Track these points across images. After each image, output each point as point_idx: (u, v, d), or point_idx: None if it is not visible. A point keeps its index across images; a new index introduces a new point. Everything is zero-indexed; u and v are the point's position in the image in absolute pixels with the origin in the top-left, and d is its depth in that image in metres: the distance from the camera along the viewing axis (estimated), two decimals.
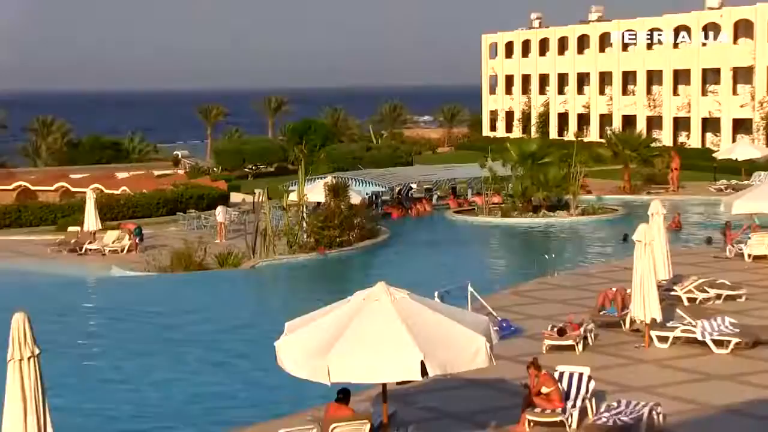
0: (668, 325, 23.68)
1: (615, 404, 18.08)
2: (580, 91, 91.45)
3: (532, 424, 17.70)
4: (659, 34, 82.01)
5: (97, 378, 23.33)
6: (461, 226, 50.01)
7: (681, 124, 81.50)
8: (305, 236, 41.09)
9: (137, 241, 43.63)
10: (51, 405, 11.67)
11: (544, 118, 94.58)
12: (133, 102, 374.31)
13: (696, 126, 79.40)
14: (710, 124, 78.80)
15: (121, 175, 70.70)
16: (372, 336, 14.10)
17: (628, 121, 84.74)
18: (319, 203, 45.06)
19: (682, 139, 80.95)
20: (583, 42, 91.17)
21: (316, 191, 44.62)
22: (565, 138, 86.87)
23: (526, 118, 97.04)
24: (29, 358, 11.36)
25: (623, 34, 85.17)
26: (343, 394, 16.17)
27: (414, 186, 60.47)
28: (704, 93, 79.06)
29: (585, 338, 23.42)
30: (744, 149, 60.85)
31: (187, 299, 32.83)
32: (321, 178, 51.24)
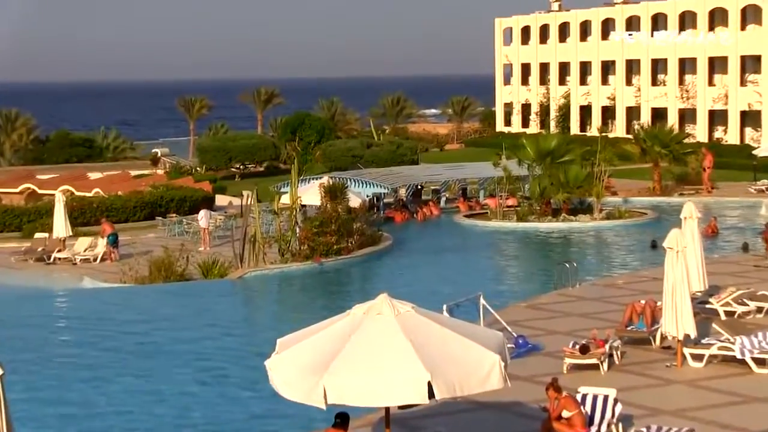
0: (703, 341, 23.68)
1: (644, 430, 18.08)
2: (604, 81, 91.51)
3: None
4: (692, 18, 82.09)
5: (62, 401, 23.33)
6: (472, 231, 50.02)
7: (717, 118, 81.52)
8: (299, 243, 41.12)
9: (112, 248, 43.70)
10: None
11: (564, 111, 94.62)
12: (108, 94, 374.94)
13: (734, 120, 79.42)
14: (750, 118, 78.82)
15: (94, 175, 70.79)
16: (373, 354, 14.12)
17: (658, 114, 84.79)
18: (308, 206, 45.08)
19: (718, 134, 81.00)
20: (607, 26, 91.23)
21: (310, 193, 44.65)
22: (588, 133, 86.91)
23: (544, 111, 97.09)
24: None
25: (653, 17, 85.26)
26: (341, 418, 16.18)
27: (419, 187, 60.49)
28: (743, 83, 79.10)
29: (610, 356, 23.43)
30: None
31: (168, 313, 32.85)
32: (316, 179, 51.29)
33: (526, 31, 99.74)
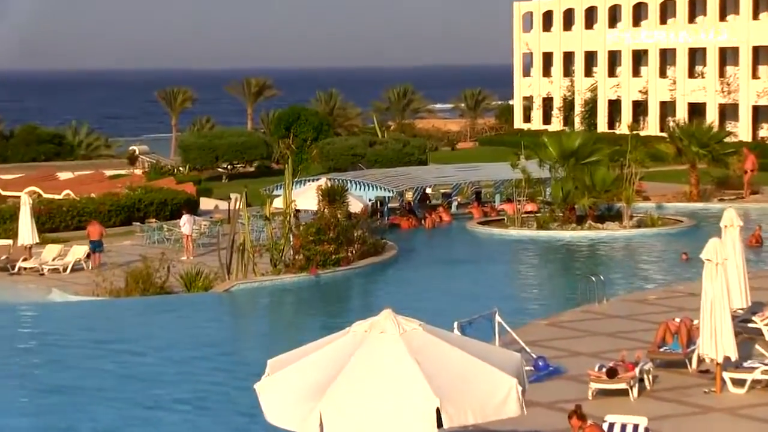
0: (745, 365, 23.66)
1: None
2: (635, 72, 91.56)
3: None
4: (734, 4, 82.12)
5: (19, 429, 23.31)
6: (487, 240, 50.00)
7: (762, 115, 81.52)
8: (293, 253, 41.12)
9: (89, 254, 43.74)
10: None
11: (590, 106, 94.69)
12: (88, 85, 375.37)
13: None
14: None
15: (64, 175, 70.84)
16: (375, 377, 14.12)
17: (696, 110, 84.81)
18: (303, 211, 45.08)
19: (763, 132, 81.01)
20: (639, 12, 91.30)
21: (306, 196, 44.64)
22: (617, 131, 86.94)
23: (568, 106, 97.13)
24: None
25: (690, 2, 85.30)
26: None
27: (428, 190, 60.39)
28: None
29: (641, 381, 23.42)
30: None
31: (146, 330, 32.84)
32: (313, 180, 51.30)
33: (548, 17, 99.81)
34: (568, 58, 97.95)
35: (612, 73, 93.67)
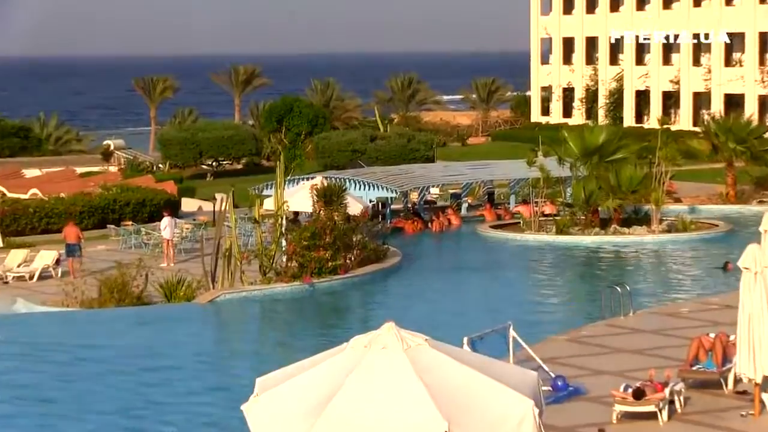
0: None
1: None
2: (666, 60, 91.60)
3: None
4: None
5: None
6: (500, 246, 50.01)
7: None
8: (285, 259, 41.15)
9: (58, 260, 43.76)
10: None
11: (616, 97, 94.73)
12: (57, 73, 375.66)
13: None
14: None
15: (31, 172, 70.81)
16: (376, 398, 14.12)
17: (733, 102, 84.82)
18: (297, 213, 45.11)
19: None
20: None
21: (300, 197, 44.69)
22: (646, 125, 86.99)
23: (591, 97, 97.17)
24: None
25: None
26: None
27: (435, 190, 60.40)
28: None
29: (671, 403, 23.41)
30: None
31: (121, 345, 32.85)
32: (307, 179, 51.33)
33: None
34: (592, 43, 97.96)
35: (640, 60, 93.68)
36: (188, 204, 62.19)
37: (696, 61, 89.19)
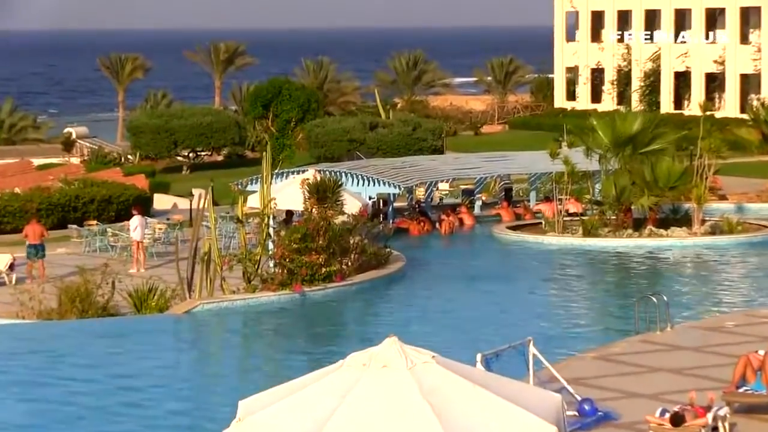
0: None
1: None
2: (709, 36, 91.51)
3: None
4: None
5: None
6: (519, 249, 50.02)
7: None
8: (272, 265, 41.13)
9: (12, 265, 43.75)
10: None
11: (652, 79, 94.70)
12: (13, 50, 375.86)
13: None
14: None
15: None
16: (377, 423, 14.11)
17: None
18: (286, 212, 45.10)
19: None
20: None
21: (289, 193, 44.66)
22: (686, 112, 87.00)
23: (623, 79, 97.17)
24: None
25: None
26: None
27: (445, 186, 60.38)
28: None
29: (714, 429, 23.39)
30: None
31: (85, 364, 32.83)
32: (298, 173, 51.31)
33: None
34: (624, 18, 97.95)
35: (679, 37, 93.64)
36: (161, 201, 62.22)
37: (744, 39, 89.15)
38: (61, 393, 29.75)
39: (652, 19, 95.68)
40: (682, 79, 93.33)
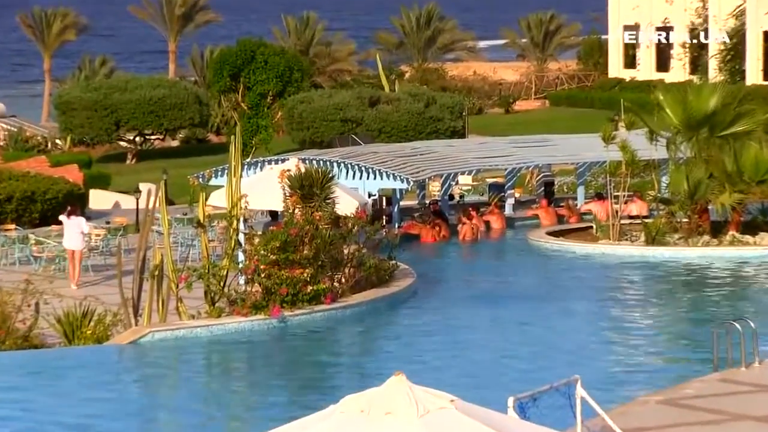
0: None
1: None
2: None
3: None
4: None
5: None
6: (562, 261, 50.15)
7: None
8: (243, 282, 41.15)
9: None
10: None
11: (734, 42, 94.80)
12: None
13: None
14: None
15: None
16: None
17: None
18: (261, 213, 45.13)
19: None
20: None
21: (264, 188, 44.69)
22: None
23: (697, 44, 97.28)
24: None
25: None
26: None
27: (467, 180, 60.42)
28: None
29: None
30: None
31: None
32: (276, 162, 51.35)
33: None
34: None
35: None
36: (100, 199, 62.36)
37: None
38: None
39: None
40: None
